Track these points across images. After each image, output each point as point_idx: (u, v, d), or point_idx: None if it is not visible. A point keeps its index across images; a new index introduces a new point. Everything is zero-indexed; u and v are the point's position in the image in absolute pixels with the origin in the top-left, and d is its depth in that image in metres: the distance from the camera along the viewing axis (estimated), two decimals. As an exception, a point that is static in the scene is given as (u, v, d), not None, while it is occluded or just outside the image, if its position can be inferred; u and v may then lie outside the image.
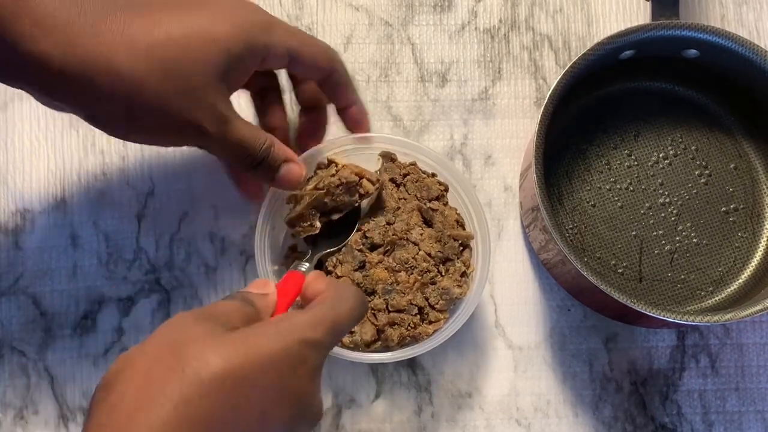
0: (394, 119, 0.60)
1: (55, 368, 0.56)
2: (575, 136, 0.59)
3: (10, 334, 0.57)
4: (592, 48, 0.52)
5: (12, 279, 0.57)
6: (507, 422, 0.56)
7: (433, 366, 0.57)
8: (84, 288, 0.57)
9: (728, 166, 0.59)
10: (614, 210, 0.58)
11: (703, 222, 0.58)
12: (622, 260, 0.57)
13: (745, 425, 0.57)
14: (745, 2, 0.62)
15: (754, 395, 0.57)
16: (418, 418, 0.56)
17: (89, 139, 0.59)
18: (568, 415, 0.57)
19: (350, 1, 0.60)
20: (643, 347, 0.57)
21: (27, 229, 0.58)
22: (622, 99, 0.59)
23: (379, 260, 0.52)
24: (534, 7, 0.62)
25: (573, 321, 0.58)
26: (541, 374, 0.57)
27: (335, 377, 0.56)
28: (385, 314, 0.52)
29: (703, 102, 0.59)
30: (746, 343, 0.58)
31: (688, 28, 0.53)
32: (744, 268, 0.57)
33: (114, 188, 0.58)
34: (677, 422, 0.57)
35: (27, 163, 0.59)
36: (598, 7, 0.62)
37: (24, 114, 0.59)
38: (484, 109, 0.60)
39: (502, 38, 0.61)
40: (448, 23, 0.61)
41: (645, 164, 0.58)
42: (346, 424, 0.56)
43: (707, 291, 0.57)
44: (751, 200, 0.58)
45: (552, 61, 0.61)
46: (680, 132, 0.59)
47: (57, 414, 0.56)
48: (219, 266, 0.58)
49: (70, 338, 0.57)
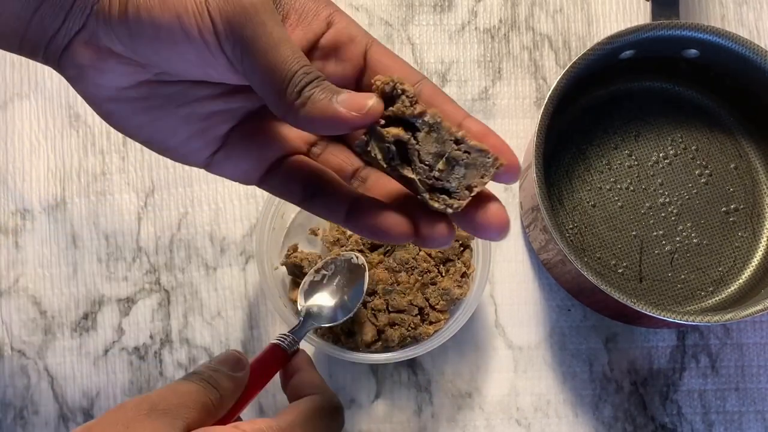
0: (394, 119, 0.60)
1: (55, 368, 0.56)
2: (575, 136, 0.59)
3: (10, 334, 0.57)
4: (592, 48, 0.52)
5: (12, 279, 0.57)
6: (507, 422, 0.56)
7: (433, 366, 0.57)
8: (84, 288, 0.57)
9: (728, 165, 0.59)
10: (614, 210, 0.58)
11: (704, 222, 0.58)
12: (623, 260, 0.57)
13: (745, 425, 0.57)
14: (745, 2, 0.62)
15: (755, 395, 0.57)
16: (418, 418, 0.56)
17: (89, 139, 0.59)
18: (568, 415, 0.57)
19: (350, 1, 0.60)
20: (643, 347, 0.57)
21: (27, 229, 0.58)
22: (622, 99, 0.59)
23: (380, 260, 0.52)
24: (534, 7, 0.61)
25: (573, 321, 0.58)
26: (541, 374, 0.57)
27: (335, 377, 0.56)
28: (386, 315, 0.52)
29: (703, 102, 0.59)
30: (746, 343, 0.58)
31: (688, 28, 0.53)
32: (744, 268, 0.57)
33: (114, 188, 0.58)
34: (677, 422, 0.57)
35: (27, 163, 0.59)
36: (598, 6, 0.62)
37: (24, 114, 0.59)
38: (484, 109, 0.60)
39: (502, 38, 0.61)
40: (448, 23, 0.61)
41: (645, 164, 0.58)
42: (346, 425, 0.56)
43: (707, 291, 0.57)
44: (751, 200, 0.58)
45: (552, 61, 0.61)
46: (680, 132, 0.59)
47: (57, 414, 0.56)
48: (219, 266, 0.58)
49: (70, 338, 0.57)
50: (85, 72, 0.33)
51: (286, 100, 0.30)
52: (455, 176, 0.31)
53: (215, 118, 0.35)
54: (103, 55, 0.32)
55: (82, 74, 0.33)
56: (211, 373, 0.37)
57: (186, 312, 0.57)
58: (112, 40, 0.32)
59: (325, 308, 0.49)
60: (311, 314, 0.48)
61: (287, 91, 0.30)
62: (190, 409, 0.35)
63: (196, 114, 0.34)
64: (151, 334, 0.57)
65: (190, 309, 0.57)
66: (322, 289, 0.50)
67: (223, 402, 0.37)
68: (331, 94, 0.30)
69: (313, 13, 0.33)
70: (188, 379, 0.37)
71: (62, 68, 0.33)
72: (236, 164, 0.35)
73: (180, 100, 0.34)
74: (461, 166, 0.31)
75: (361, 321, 0.51)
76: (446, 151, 0.31)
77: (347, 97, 0.30)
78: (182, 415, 0.34)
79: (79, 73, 0.33)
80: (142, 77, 0.33)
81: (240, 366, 0.39)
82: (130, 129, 0.35)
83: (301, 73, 0.30)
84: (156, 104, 0.34)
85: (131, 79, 0.33)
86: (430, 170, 0.31)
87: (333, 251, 0.53)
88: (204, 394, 0.36)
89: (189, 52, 0.31)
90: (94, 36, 0.32)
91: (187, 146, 0.35)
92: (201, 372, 0.37)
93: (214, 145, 0.35)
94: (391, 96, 0.30)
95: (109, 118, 0.34)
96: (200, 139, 0.35)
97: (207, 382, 0.37)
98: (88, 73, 0.33)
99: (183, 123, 0.34)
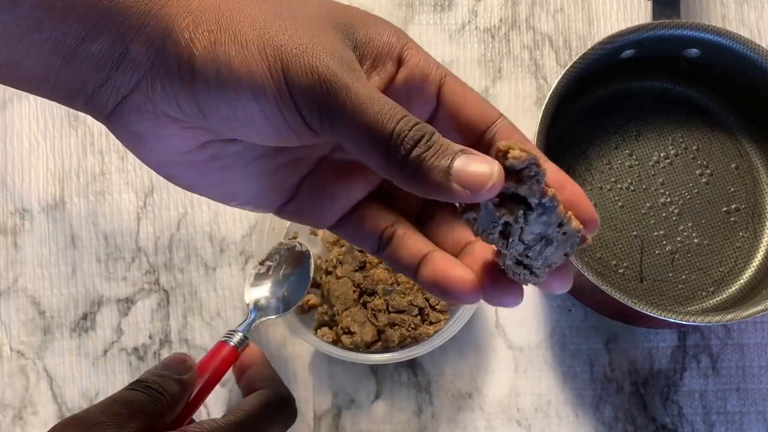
0: (394, 119, 0.60)
1: (54, 369, 0.56)
2: (576, 136, 0.58)
3: (9, 334, 0.57)
4: (592, 47, 0.52)
5: (11, 279, 0.57)
6: (507, 423, 0.56)
7: (434, 366, 0.57)
8: (83, 288, 0.57)
9: (729, 165, 0.58)
10: (615, 210, 0.58)
11: (705, 222, 0.57)
12: (623, 260, 0.57)
13: (746, 426, 0.57)
14: (746, 1, 0.62)
15: (755, 396, 0.57)
16: (419, 418, 0.56)
17: (88, 139, 0.59)
18: (568, 415, 0.56)
19: (350, 1, 0.60)
20: (644, 347, 0.57)
21: (26, 229, 0.58)
22: (623, 98, 0.59)
23: (380, 260, 0.52)
24: (534, 6, 0.61)
25: (573, 321, 0.57)
26: (541, 374, 0.57)
27: (335, 378, 0.56)
28: (386, 315, 0.51)
29: (704, 101, 0.59)
30: (747, 343, 0.58)
31: (689, 27, 0.53)
32: (745, 268, 0.57)
33: (113, 188, 0.58)
34: (678, 423, 0.57)
35: (26, 162, 0.59)
36: (598, 6, 0.61)
37: (23, 114, 0.59)
38: (484, 108, 0.60)
39: (502, 37, 0.61)
40: (449, 22, 0.61)
41: (646, 164, 0.58)
42: (346, 425, 0.56)
43: (708, 291, 0.57)
44: (752, 200, 0.58)
45: (553, 61, 0.61)
46: (681, 131, 0.59)
47: (56, 414, 0.56)
48: (218, 266, 0.57)
49: (69, 338, 0.57)
50: (144, 139, 0.30)
51: (394, 164, 0.27)
52: (544, 255, 0.28)
53: (286, 169, 0.33)
54: (162, 121, 0.30)
55: (141, 141, 0.31)
56: (156, 379, 0.37)
57: (185, 312, 0.57)
58: (172, 105, 0.29)
59: (272, 300, 0.49)
60: (259, 307, 0.49)
61: (392, 154, 0.26)
62: (136, 418, 0.34)
63: (266, 169, 0.32)
64: (151, 335, 0.57)
65: (189, 309, 0.57)
66: (268, 281, 0.50)
67: (172, 406, 0.37)
68: (446, 158, 0.26)
69: (386, 53, 0.30)
70: (132, 387, 0.37)
71: (113, 130, 0.31)
72: (310, 213, 0.33)
73: (248, 158, 0.32)
74: (553, 246, 0.28)
75: (361, 321, 0.51)
76: (548, 234, 0.27)
77: (463, 170, 0.26)
78: (127, 426, 0.34)
79: (137, 141, 0.31)
80: (206, 138, 0.31)
81: (186, 368, 0.39)
82: (201, 189, 0.33)
83: (404, 128, 0.26)
84: (223, 164, 0.32)
85: (194, 142, 0.31)
86: (525, 249, 0.28)
87: (333, 251, 0.53)
88: (149, 402, 0.36)
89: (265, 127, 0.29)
90: (150, 101, 0.29)
91: (261, 199, 0.33)
92: (146, 379, 0.37)
93: (287, 195, 0.33)
94: (518, 170, 0.26)
95: (176, 180, 0.32)
96: (273, 192, 0.33)
97: (152, 389, 0.36)
98: (146, 140, 0.30)
99: (253, 179, 0.32)
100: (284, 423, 0.40)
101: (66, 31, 0.28)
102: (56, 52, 0.29)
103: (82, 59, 0.29)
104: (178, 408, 0.38)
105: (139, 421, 0.35)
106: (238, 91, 0.28)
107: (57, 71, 0.29)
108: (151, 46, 0.29)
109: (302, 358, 0.56)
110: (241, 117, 0.29)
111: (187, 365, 0.39)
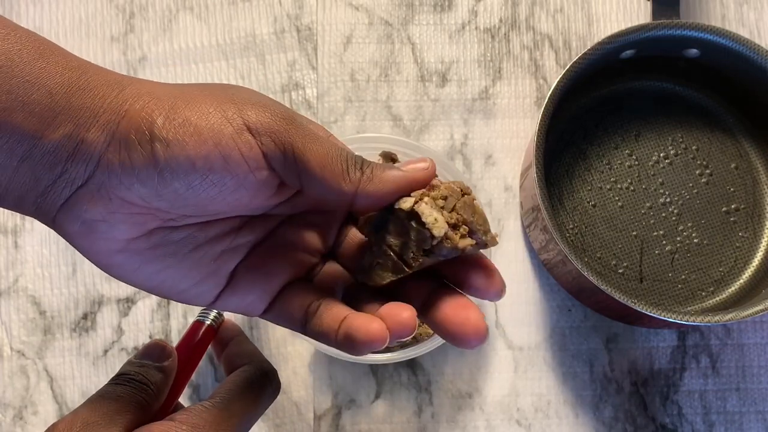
0: (394, 119, 0.60)
1: (54, 368, 0.56)
2: (576, 136, 0.58)
3: (9, 334, 0.57)
4: (592, 47, 0.52)
5: (12, 279, 0.57)
6: (507, 423, 0.56)
7: (433, 366, 0.57)
8: (83, 288, 0.57)
9: (729, 165, 0.58)
10: (615, 210, 0.58)
11: (704, 222, 0.57)
12: (623, 260, 0.57)
13: (745, 426, 0.57)
14: (746, 2, 0.62)
15: (755, 396, 0.57)
16: (418, 418, 0.56)
17: (89, 139, 0.59)
18: (568, 415, 0.56)
19: (350, 1, 0.60)
20: (644, 347, 0.57)
21: (26, 229, 0.58)
22: (623, 99, 0.59)
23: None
24: (534, 6, 0.61)
25: (573, 321, 0.57)
26: (541, 375, 0.57)
27: (335, 377, 0.56)
28: (385, 314, 0.51)
29: (704, 101, 0.59)
30: (747, 343, 0.58)
31: (689, 27, 0.53)
32: (745, 268, 0.57)
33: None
34: (678, 423, 0.57)
35: (26, 162, 0.59)
36: (598, 6, 0.62)
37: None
38: (484, 108, 0.60)
39: (502, 38, 0.61)
40: (449, 23, 0.61)
41: (645, 164, 0.58)
42: (346, 425, 0.56)
43: (708, 291, 0.57)
44: (752, 200, 0.58)
45: (552, 61, 0.61)
46: (681, 131, 0.59)
47: (56, 414, 0.56)
48: (219, 266, 0.57)
49: (69, 338, 0.57)
50: (94, 226, 0.30)
51: (351, 182, 0.31)
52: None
53: (224, 256, 0.34)
54: (115, 206, 0.30)
55: (90, 229, 0.30)
56: (138, 370, 0.37)
57: (185, 312, 0.57)
58: (130, 188, 0.29)
59: None
60: None
61: (350, 173, 0.31)
62: (125, 413, 0.35)
63: (207, 256, 0.33)
64: (151, 335, 0.57)
65: (189, 309, 0.57)
66: None
67: (158, 395, 0.37)
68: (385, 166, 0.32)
69: None
70: (117, 382, 0.36)
71: (58, 224, 0.31)
72: (242, 298, 0.34)
73: (191, 244, 0.33)
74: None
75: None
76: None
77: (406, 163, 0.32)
78: (118, 422, 0.34)
79: (85, 229, 0.30)
80: (154, 224, 0.31)
81: (165, 354, 0.39)
82: (137, 280, 0.33)
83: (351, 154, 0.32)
84: (167, 252, 0.32)
85: (143, 228, 0.31)
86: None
87: None
88: (135, 394, 0.36)
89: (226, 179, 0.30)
90: (104, 187, 0.29)
91: (197, 289, 0.34)
92: (128, 372, 0.37)
93: (222, 283, 0.34)
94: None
95: (112, 270, 0.32)
96: (210, 281, 0.34)
97: (136, 381, 0.37)
98: (97, 227, 0.30)
99: (193, 267, 0.33)
100: (269, 397, 0.40)
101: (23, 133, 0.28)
102: (12, 153, 0.28)
103: (38, 157, 0.29)
104: (163, 396, 0.38)
105: (128, 416, 0.35)
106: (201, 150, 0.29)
107: (11, 174, 0.29)
108: (108, 126, 0.29)
109: (302, 357, 0.56)
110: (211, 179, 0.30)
111: (167, 351, 0.39)
